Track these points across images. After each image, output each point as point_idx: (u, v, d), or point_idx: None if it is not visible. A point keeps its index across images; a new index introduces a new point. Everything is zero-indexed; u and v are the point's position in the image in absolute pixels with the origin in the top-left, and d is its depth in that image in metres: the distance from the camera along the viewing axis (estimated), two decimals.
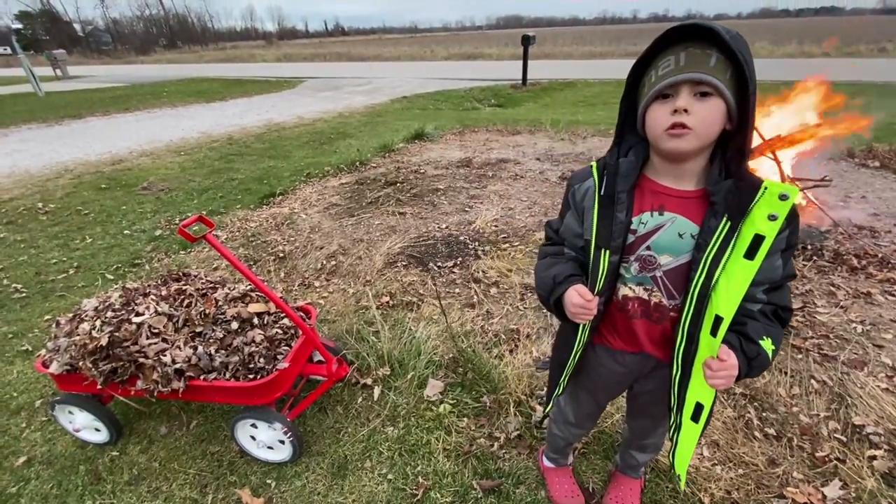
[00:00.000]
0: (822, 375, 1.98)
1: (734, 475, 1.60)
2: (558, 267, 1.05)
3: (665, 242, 0.92)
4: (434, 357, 2.16)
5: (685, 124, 0.80)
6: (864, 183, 4.12)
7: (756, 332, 0.90)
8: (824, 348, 2.14)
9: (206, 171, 5.64)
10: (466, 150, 5.90)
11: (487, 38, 39.39)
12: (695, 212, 0.89)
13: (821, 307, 2.44)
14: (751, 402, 1.88)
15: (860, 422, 1.76)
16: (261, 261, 3.29)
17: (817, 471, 1.60)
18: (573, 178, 1.03)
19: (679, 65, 0.79)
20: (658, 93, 0.82)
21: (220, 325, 1.76)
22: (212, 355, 1.66)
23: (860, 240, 3.06)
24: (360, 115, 9.27)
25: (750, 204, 0.81)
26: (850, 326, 2.28)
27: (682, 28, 0.79)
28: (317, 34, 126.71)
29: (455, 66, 19.71)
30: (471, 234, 3.49)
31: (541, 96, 10.80)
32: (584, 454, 1.72)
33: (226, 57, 34.40)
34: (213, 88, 14.71)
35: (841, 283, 2.61)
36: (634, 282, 0.99)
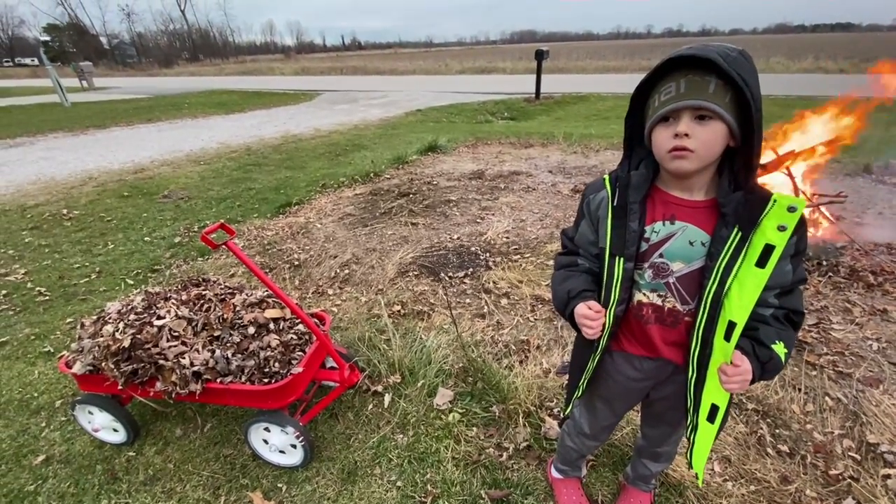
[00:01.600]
0: (836, 393, 1.96)
1: (746, 492, 1.58)
2: (572, 281, 1.08)
3: (677, 250, 0.96)
4: (444, 366, 2.18)
5: (686, 147, 0.85)
6: (881, 199, 4.06)
7: (768, 337, 0.93)
8: (839, 365, 2.11)
9: (224, 181, 5.78)
10: (479, 163, 5.97)
11: (501, 53, 39.82)
12: (705, 221, 0.93)
13: (836, 324, 2.41)
14: (763, 419, 1.86)
15: (875, 440, 1.73)
16: (276, 268, 3.36)
17: (830, 489, 1.58)
18: (588, 189, 1.07)
19: (679, 91, 0.84)
20: (661, 117, 0.88)
21: (238, 330, 1.80)
22: (229, 359, 1.70)
23: (876, 256, 3.02)
24: (376, 127, 9.42)
25: (760, 215, 0.85)
26: (866, 344, 2.24)
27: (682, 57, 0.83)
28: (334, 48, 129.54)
29: (469, 79, 19.96)
30: (482, 246, 3.52)
31: (554, 110, 10.88)
32: (593, 466, 1.72)
33: (245, 70, 35.31)
34: (233, 100, 15.10)
35: (857, 300, 2.58)
36: (648, 288, 1.03)
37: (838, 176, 4.41)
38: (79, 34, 66.11)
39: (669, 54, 0.85)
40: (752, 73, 0.82)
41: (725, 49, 0.82)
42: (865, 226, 3.52)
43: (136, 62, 64.02)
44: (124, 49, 73.97)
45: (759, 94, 0.82)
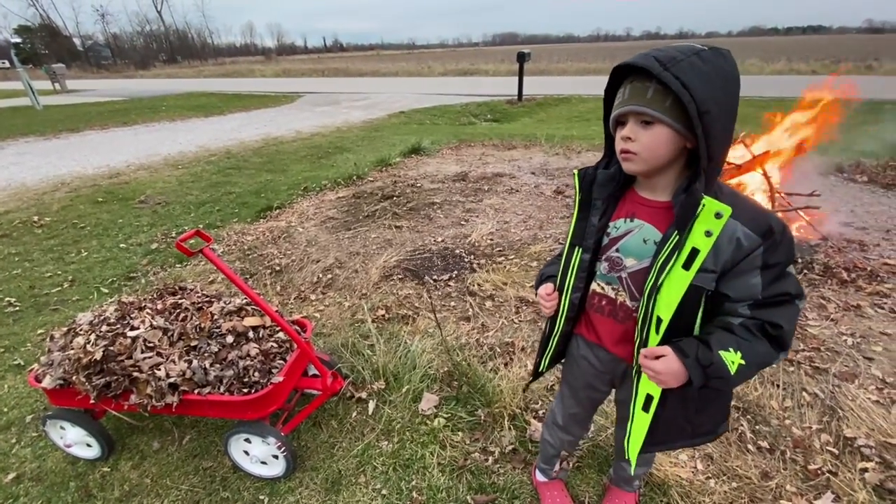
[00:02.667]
0: (813, 388, 2.00)
1: (728, 488, 1.60)
2: (551, 267, 1.21)
3: (631, 246, 1.01)
4: (429, 371, 2.16)
5: (630, 150, 0.91)
6: (852, 197, 4.19)
7: (720, 342, 0.89)
8: (816, 361, 2.16)
9: (203, 185, 5.67)
10: (463, 165, 5.97)
11: (484, 55, 40.01)
12: (662, 221, 0.96)
13: (812, 320, 2.46)
14: (744, 415, 1.89)
15: (851, 434, 1.77)
16: (257, 274, 3.30)
17: (810, 484, 1.61)
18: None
19: (624, 97, 0.90)
20: (615, 120, 0.94)
21: (216, 339, 1.76)
22: (206, 369, 1.66)
23: (849, 253, 3.11)
24: (358, 129, 9.36)
25: (691, 219, 0.86)
26: (841, 339, 2.30)
27: (627, 64, 0.88)
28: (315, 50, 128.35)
29: (452, 81, 19.99)
30: (466, 248, 3.51)
31: (536, 111, 10.96)
32: (578, 468, 1.72)
33: (225, 72, 34.75)
34: (212, 103, 14.84)
35: (831, 296, 2.64)
36: (604, 280, 1.09)
37: (811, 175, 4.53)
38: (51, 35, 64.19)
39: (620, 63, 0.90)
40: (705, 75, 0.80)
41: (676, 52, 0.82)
42: (838, 223, 3.62)
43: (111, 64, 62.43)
44: (99, 51, 72.05)
45: (711, 94, 0.80)
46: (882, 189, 4.41)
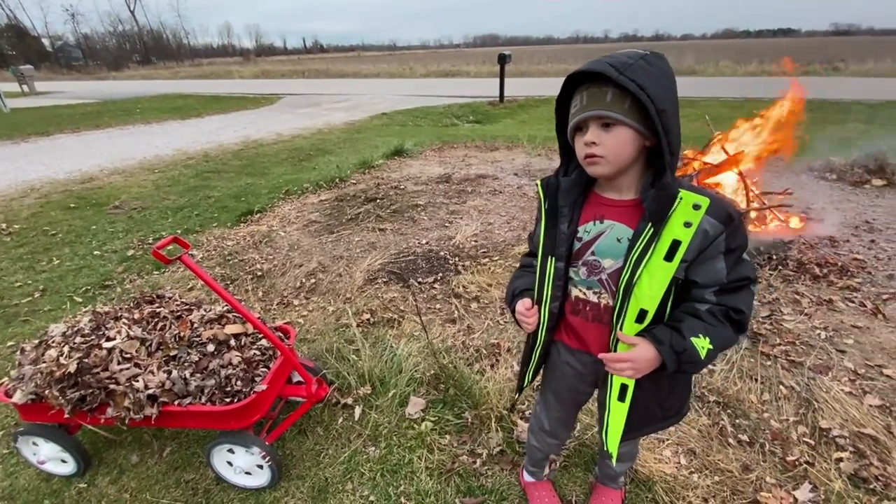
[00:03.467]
0: (790, 381, 2.06)
1: (710, 482, 1.64)
2: (520, 280, 1.20)
3: (606, 248, 1.02)
4: (415, 374, 2.15)
5: (596, 153, 0.92)
6: (823, 195, 4.33)
7: (690, 329, 0.94)
8: (791, 354, 2.22)
9: (181, 189, 5.54)
10: (446, 166, 5.97)
11: (465, 56, 40.15)
12: (631, 218, 0.98)
13: (787, 315, 2.54)
14: (724, 410, 1.94)
15: (826, 425, 1.83)
16: (238, 280, 3.24)
17: (788, 475, 1.65)
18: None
19: (582, 104, 0.92)
20: (574, 127, 0.95)
21: (196, 348, 1.72)
22: (187, 379, 1.62)
23: (821, 249, 3.21)
24: (340, 131, 9.28)
25: (668, 211, 0.90)
26: (815, 333, 2.38)
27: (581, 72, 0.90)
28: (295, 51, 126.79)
29: (434, 83, 20.00)
30: (451, 250, 3.51)
31: (518, 113, 11.04)
32: (565, 467, 1.73)
33: (202, 73, 34.05)
34: (189, 104, 14.53)
35: (805, 291, 2.73)
36: (585, 285, 1.08)
37: (783, 174, 4.67)
38: (18, 36, 61.94)
39: (575, 71, 0.92)
40: (654, 76, 0.86)
41: (625, 57, 0.86)
42: (810, 220, 3.74)
43: (82, 65, 60.50)
44: (69, 51, 69.79)
45: (663, 94, 0.86)
46: (850, 186, 4.57)
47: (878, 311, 2.52)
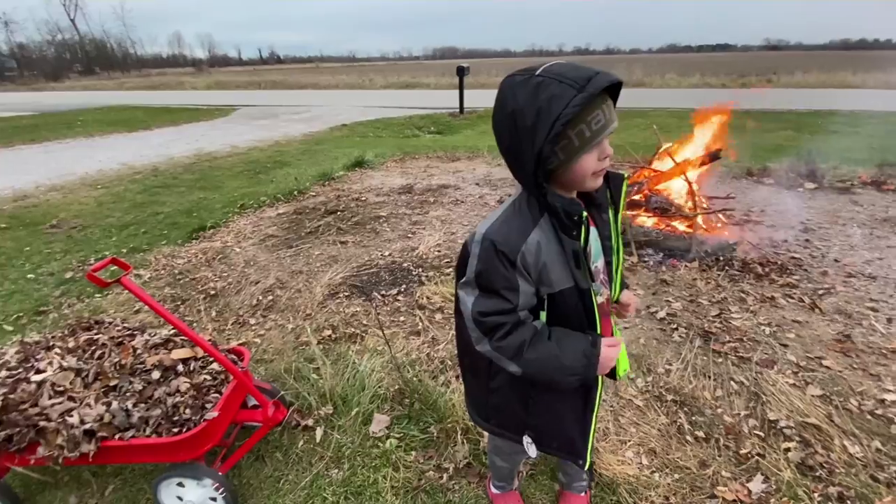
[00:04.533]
0: (739, 377, 2.16)
1: (670, 481, 1.68)
2: (567, 342, 0.98)
3: (595, 252, 1.08)
4: (379, 390, 2.10)
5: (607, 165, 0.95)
6: (762, 198, 4.62)
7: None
8: (740, 351, 2.33)
9: (126, 206, 5.24)
10: (408, 177, 5.96)
11: (425, 68, 40.53)
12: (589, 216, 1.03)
13: (735, 312, 2.67)
14: (681, 408, 2.00)
15: (774, 417, 1.92)
16: (190, 300, 3.07)
17: (742, 468, 1.72)
18: (508, 245, 0.93)
19: (607, 117, 0.87)
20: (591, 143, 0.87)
21: (139, 376, 1.61)
22: (129, 410, 1.51)
23: (762, 249, 3.41)
24: (298, 143, 9.10)
25: (622, 189, 1.05)
26: (760, 329, 2.51)
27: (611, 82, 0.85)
28: (251, 62, 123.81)
29: (394, 94, 20.02)
30: (414, 261, 3.49)
31: (478, 124, 11.19)
32: (532, 475, 1.73)
33: (150, 84, 32.61)
34: (136, 117, 13.85)
35: (749, 290, 2.88)
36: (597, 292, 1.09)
37: (726, 179, 4.96)
38: None
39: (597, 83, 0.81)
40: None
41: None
42: (752, 222, 3.98)
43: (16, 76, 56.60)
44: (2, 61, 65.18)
45: None
46: (786, 190, 4.90)
47: (815, 306, 2.70)
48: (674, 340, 2.45)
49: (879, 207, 4.28)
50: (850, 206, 4.33)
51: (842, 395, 2.03)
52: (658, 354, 2.33)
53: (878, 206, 4.33)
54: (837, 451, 1.76)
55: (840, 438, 1.81)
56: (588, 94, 0.80)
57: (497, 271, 0.94)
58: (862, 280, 2.99)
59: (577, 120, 0.83)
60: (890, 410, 1.94)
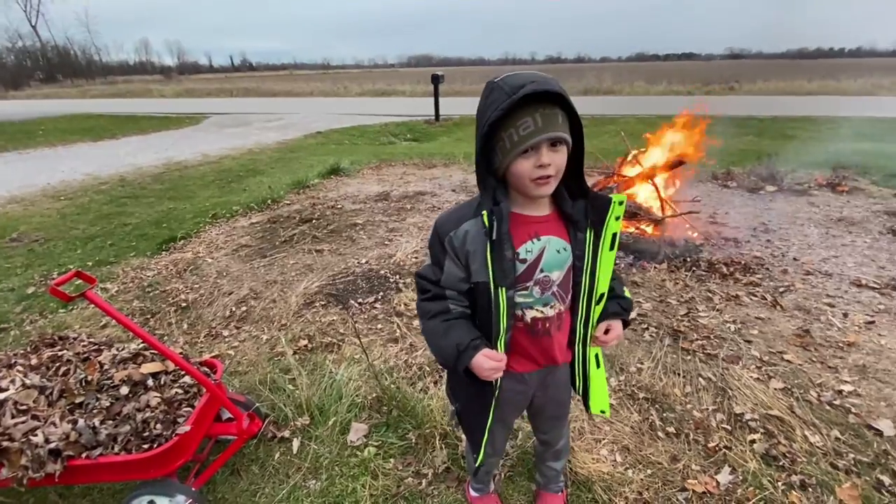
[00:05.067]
0: (707, 373, 2.24)
1: (644, 476, 1.73)
2: (456, 332, 1.07)
3: (551, 261, 1.07)
4: (357, 399, 2.09)
5: (549, 174, 0.96)
6: (726, 201, 4.82)
7: (619, 289, 1.19)
8: (707, 348, 2.42)
9: (92, 217, 5.07)
10: (384, 184, 5.96)
11: (400, 76, 40.62)
12: (558, 229, 1.07)
13: (702, 311, 2.77)
14: (653, 405, 2.06)
15: (740, 410, 2.00)
16: (160, 313, 2.99)
17: (710, 460, 1.78)
18: (442, 228, 1.05)
19: (538, 125, 0.91)
20: (523, 150, 0.94)
21: (107, 392, 1.56)
22: (96, 428, 1.46)
23: (727, 250, 3.56)
24: (272, 151, 8.98)
25: (607, 215, 1.03)
26: (726, 326, 2.61)
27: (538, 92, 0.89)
28: (222, 69, 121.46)
29: (369, 102, 20.00)
30: (391, 268, 3.49)
31: (454, 131, 11.29)
32: (509, 477, 1.75)
33: (117, 92, 31.62)
34: (102, 125, 13.41)
35: (715, 289, 3.00)
36: (541, 304, 1.10)
37: (692, 183, 5.14)
38: None
39: (522, 91, 0.87)
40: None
41: (553, 80, 0.92)
42: (716, 224, 4.14)
43: None
44: None
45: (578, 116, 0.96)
46: (748, 192, 5.13)
47: (776, 303, 2.82)
48: (645, 340, 2.53)
49: (834, 208, 4.52)
50: (808, 208, 4.56)
51: (802, 387, 2.14)
52: (630, 354, 2.40)
53: (833, 206, 4.57)
54: (799, 440, 1.84)
55: (801, 429, 1.90)
56: (512, 100, 0.88)
57: (433, 247, 1.09)
58: (819, 277, 3.15)
59: (507, 124, 0.93)
60: (847, 401, 2.05)
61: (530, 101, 0.90)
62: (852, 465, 1.73)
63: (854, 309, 2.76)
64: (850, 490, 1.62)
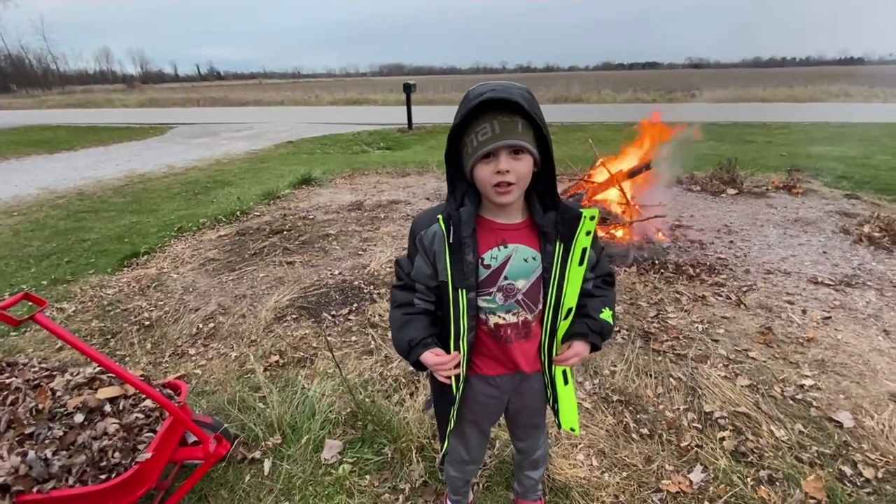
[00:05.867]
0: (677, 373, 2.29)
1: (619, 479, 1.74)
2: (411, 327, 1.12)
3: (517, 270, 1.07)
4: (330, 415, 2.04)
5: (509, 181, 0.96)
6: (690, 204, 4.99)
7: (596, 309, 1.14)
8: (677, 348, 2.48)
9: (47, 234, 4.82)
10: (357, 194, 5.90)
11: (372, 85, 40.57)
12: (529, 239, 1.07)
13: (671, 312, 2.84)
14: (626, 407, 2.09)
15: (709, 408, 2.05)
16: (121, 333, 2.85)
17: (683, 460, 1.82)
18: (416, 226, 1.10)
19: (495, 132, 0.93)
20: (481, 155, 0.96)
21: (60, 421, 1.47)
22: (48, 459, 1.37)
23: (692, 252, 3.67)
24: (241, 161, 8.78)
25: (577, 229, 1.03)
26: (694, 326, 2.68)
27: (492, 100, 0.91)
28: (188, 78, 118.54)
29: (341, 110, 19.86)
30: (365, 278, 3.44)
31: (426, 139, 11.32)
32: (487, 487, 1.74)
33: (75, 102, 30.35)
34: (59, 137, 12.83)
35: (683, 290, 3.08)
36: (503, 310, 1.10)
37: (657, 187, 5.30)
38: None
39: (479, 98, 0.91)
40: (539, 110, 0.95)
41: (519, 89, 0.93)
42: (682, 227, 4.27)
43: None
44: None
45: (546, 125, 0.97)
46: (711, 196, 5.32)
47: (740, 302, 2.92)
48: (617, 343, 2.57)
49: (791, 209, 4.74)
50: (767, 209, 4.77)
51: (767, 383, 2.21)
52: (604, 357, 2.43)
53: (790, 207, 4.79)
54: (766, 435, 1.90)
55: (767, 424, 1.96)
56: (469, 106, 0.92)
57: (409, 241, 1.13)
58: (779, 276, 3.29)
59: (469, 130, 0.97)
60: (808, 395, 2.13)
61: (491, 108, 0.93)
62: (816, 458, 1.80)
63: (812, 306, 2.88)
64: (815, 482, 1.67)
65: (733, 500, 1.63)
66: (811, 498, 1.62)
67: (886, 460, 1.77)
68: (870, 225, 3.96)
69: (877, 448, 1.83)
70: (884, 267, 3.36)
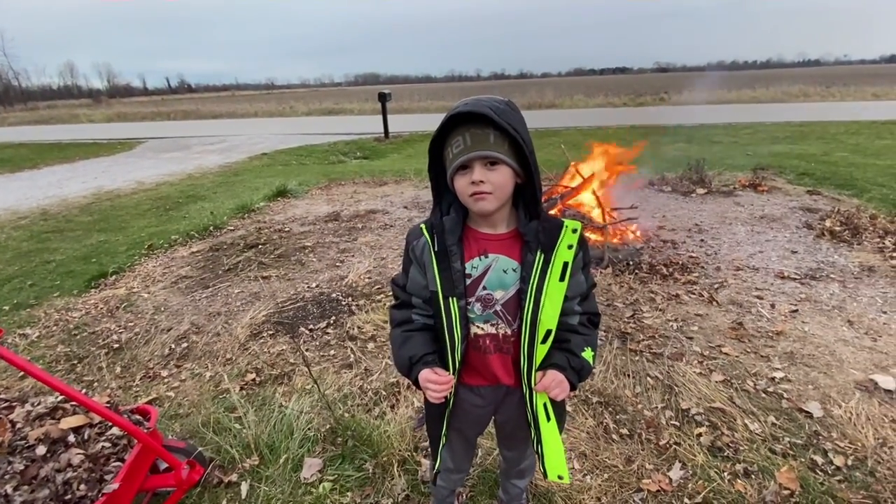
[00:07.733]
0: (654, 372, 2.33)
1: (601, 481, 1.75)
2: (411, 344, 1.11)
3: (495, 280, 1.06)
4: (309, 432, 2.00)
5: (484, 190, 0.96)
6: (662, 205, 5.11)
7: (578, 346, 1.08)
8: (653, 347, 2.53)
9: (9, 256, 4.62)
10: (334, 204, 5.85)
11: (347, 94, 40.47)
12: (512, 250, 1.05)
13: (646, 312, 2.89)
14: (606, 408, 2.11)
15: (686, 405, 2.09)
16: (89, 357, 2.75)
17: (662, 458, 1.84)
18: (409, 236, 1.11)
19: (467, 144, 0.95)
20: (458, 166, 0.97)
21: (20, 454, 1.40)
22: (9, 496, 1.30)
23: (665, 252, 3.76)
24: (214, 175, 8.62)
25: (557, 240, 1.01)
26: (668, 325, 2.74)
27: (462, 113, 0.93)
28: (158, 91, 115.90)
29: (317, 121, 19.72)
30: (343, 290, 3.40)
31: (403, 148, 11.34)
32: (472, 497, 1.73)
33: (39, 118, 29.31)
34: (21, 155, 12.36)
35: (657, 290, 3.15)
36: (481, 320, 1.10)
37: (630, 189, 5.42)
38: None
39: (450, 111, 0.94)
40: (520, 121, 0.96)
41: (495, 102, 0.94)
42: (655, 228, 4.37)
43: None
44: None
45: (528, 137, 0.97)
46: (682, 196, 5.46)
47: (712, 299, 3.00)
48: None
49: (757, 207, 4.90)
50: (734, 207, 4.92)
51: (740, 377, 2.27)
52: None
53: (756, 205, 4.96)
54: (740, 429, 1.95)
55: (741, 418, 2.01)
56: (443, 120, 0.95)
57: (404, 253, 1.13)
58: (748, 272, 3.39)
59: (447, 143, 0.99)
60: (779, 387, 2.19)
61: (464, 121, 0.95)
62: (788, 449, 1.84)
63: (780, 300, 2.98)
64: (788, 473, 1.72)
65: (711, 495, 1.66)
66: (785, 489, 1.66)
67: (855, 448, 1.83)
68: (831, 219, 4.13)
69: (845, 436, 1.89)
70: (844, 259, 3.50)
